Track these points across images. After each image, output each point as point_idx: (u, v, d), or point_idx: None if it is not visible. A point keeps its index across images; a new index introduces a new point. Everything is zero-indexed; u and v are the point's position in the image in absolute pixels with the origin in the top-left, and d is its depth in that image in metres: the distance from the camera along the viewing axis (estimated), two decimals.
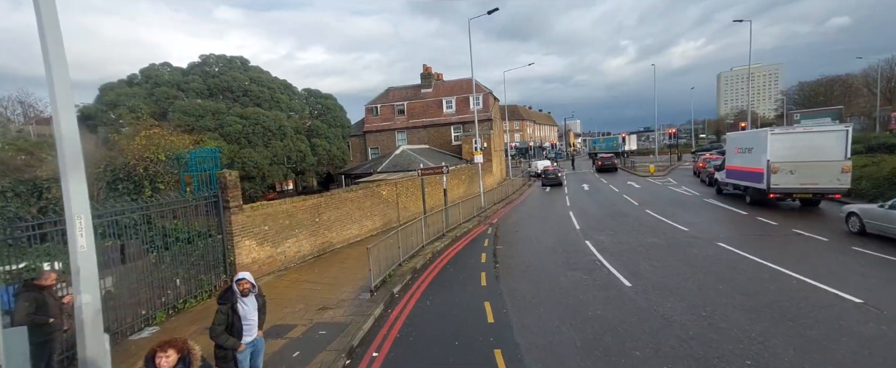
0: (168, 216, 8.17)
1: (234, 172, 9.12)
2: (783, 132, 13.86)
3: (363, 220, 14.46)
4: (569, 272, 9.36)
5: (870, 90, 61.09)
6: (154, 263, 7.91)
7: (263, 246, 9.94)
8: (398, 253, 10.43)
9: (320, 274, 10.07)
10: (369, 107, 36.29)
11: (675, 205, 17.37)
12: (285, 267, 10.60)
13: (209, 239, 8.79)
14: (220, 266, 8.93)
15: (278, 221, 10.45)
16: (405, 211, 17.66)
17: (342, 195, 13.23)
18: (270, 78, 25.62)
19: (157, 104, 20.90)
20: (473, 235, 14.48)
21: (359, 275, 9.50)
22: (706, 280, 8.07)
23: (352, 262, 10.85)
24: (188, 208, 8.39)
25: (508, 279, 9.17)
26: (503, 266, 10.26)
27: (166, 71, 22.82)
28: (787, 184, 13.70)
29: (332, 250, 12.55)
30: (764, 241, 10.59)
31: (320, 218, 12.12)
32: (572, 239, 12.48)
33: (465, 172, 26.03)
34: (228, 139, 20.98)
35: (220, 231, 8.97)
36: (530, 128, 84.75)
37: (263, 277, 9.75)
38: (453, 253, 11.96)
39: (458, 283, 9.13)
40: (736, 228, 12.33)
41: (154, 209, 7.86)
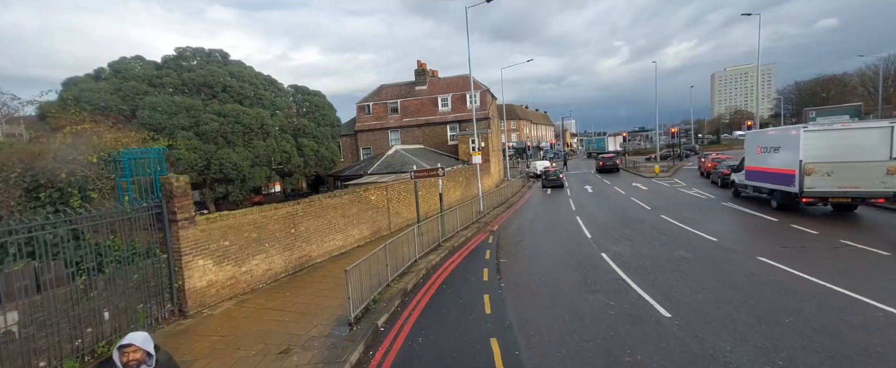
0: (103, 231, 6.53)
1: (183, 177, 7.46)
2: (818, 129, 12.44)
3: (349, 229, 12.83)
4: (589, 295, 7.82)
5: (866, 89, 60.54)
6: (82, 290, 6.28)
7: (223, 265, 8.28)
8: (386, 272, 8.83)
9: (292, 297, 8.43)
10: (361, 105, 34.60)
11: (691, 210, 15.92)
12: (252, 289, 8.95)
13: (152, 260, 7.14)
14: (166, 292, 7.28)
15: (243, 235, 8.80)
16: (397, 217, 16.05)
17: (323, 202, 11.59)
18: (253, 73, 23.85)
19: (126, 100, 19.09)
20: (472, 245, 12.91)
21: (338, 299, 7.89)
22: (764, 309, 6.55)
23: (331, 282, 9.22)
24: (125, 222, 6.75)
25: (517, 305, 7.61)
26: (509, 286, 8.69)
27: (138, 65, 20.99)
28: (824, 188, 12.27)
29: (312, 265, 10.90)
30: (812, 256, 9.12)
31: (296, 228, 10.47)
32: (586, 252, 10.95)
33: (461, 174, 24.46)
34: (204, 138, 19.23)
35: (166, 249, 7.31)
36: (527, 128, 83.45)
37: (222, 304, 8.09)
38: (451, 269, 10.38)
39: (458, 311, 7.55)
40: (772, 238, 10.86)
41: (85, 222, 6.24)
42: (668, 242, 11.25)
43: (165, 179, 7.26)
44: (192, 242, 7.59)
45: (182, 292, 7.41)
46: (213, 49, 23.03)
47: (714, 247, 10.35)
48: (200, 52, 22.57)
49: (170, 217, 7.32)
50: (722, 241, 10.87)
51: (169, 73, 20.75)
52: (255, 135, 20.96)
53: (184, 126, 19.08)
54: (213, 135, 19.43)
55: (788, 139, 13.28)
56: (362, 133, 34.14)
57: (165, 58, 21.84)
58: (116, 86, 19.22)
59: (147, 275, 7.00)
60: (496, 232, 14.86)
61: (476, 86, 30.31)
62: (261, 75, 24.65)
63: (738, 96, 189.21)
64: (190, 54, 22.22)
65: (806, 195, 12.51)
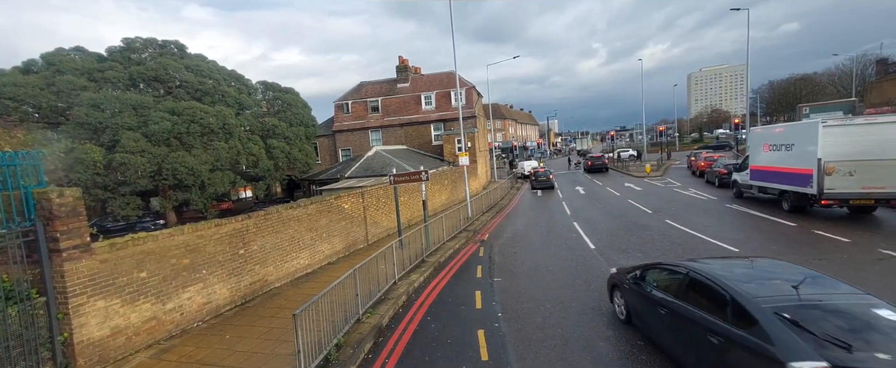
0: None
1: (71, 191, 5.50)
2: (839, 123, 11.34)
3: (317, 244, 10.95)
4: (609, 330, 6.25)
5: (835, 88, 62.25)
6: None
7: (138, 304, 6.32)
8: (355, 302, 7.05)
9: (232, 342, 6.54)
10: (339, 103, 32.48)
11: (696, 213, 14.71)
12: (183, 331, 7.01)
13: (26, 304, 5.16)
14: (45, 348, 5.30)
15: (169, 262, 6.85)
16: (376, 226, 14.23)
17: (283, 214, 9.69)
18: (215, 67, 21.53)
19: (60, 96, 16.58)
20: (462, 259, 11.24)
21: (293, 346, 6.06)
22: None
23: (286, 319, 7.36)
24: None
25: (521, 347, 5.97)
26: (509, 317, 7.05)
27: (77, 56, 18.43)
28: (845, 189, 11.17)
29: (268, 292, 9.00)
30: (858, 272, 7.83)
31: (247, 248, 8.56)
32: (593, 268, 9.43)
33: (447, 176, 22.78)
34: (155, 140, 16.92)
35: (46, 289, 5.33)
36: (513, 128, 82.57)
37: (135, 356, 6.14)
38: (437, 292, 8.67)
39: (446, 358, 5.85)
40: (800, 248, 9.60)
41: None
42: (683, 254, 9.84)
43: (42, 194, 5.28)
44: (86, 277, 5.62)
45: (70, 346, 5.44)
46: (168, 40, 20.60)
47: None
48: (152, 43, 20.12)
49: (50, 245, 5.35)
50: (745, 252, 9.53)
51: (113, 67, 18.29)
52: (216, 135, 18.71)
53: (130, 126, 16.72)
54: (166, 136, 17.12)
55: (804, 135, 12.16)
56: (341, 133, 32.03)
57: (111, 49, 19.33)
58: (49, 80, 16.67)
59: (16, 327, 5.02)
60: (487, 241, 13.24)
61: (462, 83, 28.71)
62: (224, 70, 22.36)
63: (714, 96, 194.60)
64: (140, 46, 19.75)
65: (826, 197, 11.39)
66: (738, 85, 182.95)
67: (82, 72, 17.51)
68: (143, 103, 17.36)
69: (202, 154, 18.11)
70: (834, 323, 3.39)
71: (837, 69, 62.07)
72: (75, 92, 16.59)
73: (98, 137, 16.43)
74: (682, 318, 4.60)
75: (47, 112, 16.74)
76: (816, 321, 3.41)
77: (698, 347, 4.26)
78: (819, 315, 3.50)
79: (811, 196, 11.98)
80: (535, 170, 30.76)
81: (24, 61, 17.78)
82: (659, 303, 5.09)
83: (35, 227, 5.28)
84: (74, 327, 5.46)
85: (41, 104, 16.28)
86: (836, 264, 8.24)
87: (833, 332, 3.26)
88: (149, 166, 16.45)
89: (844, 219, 12.01)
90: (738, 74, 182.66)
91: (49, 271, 5.34)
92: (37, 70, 17.53)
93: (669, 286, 5.11)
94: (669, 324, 4.85)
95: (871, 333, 3.29)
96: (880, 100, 32.18)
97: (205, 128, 18.04)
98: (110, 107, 16.63)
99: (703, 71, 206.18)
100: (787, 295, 3.81)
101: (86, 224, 5.68)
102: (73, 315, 5.45)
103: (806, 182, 12.02)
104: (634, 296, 5.85)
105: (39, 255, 5.30)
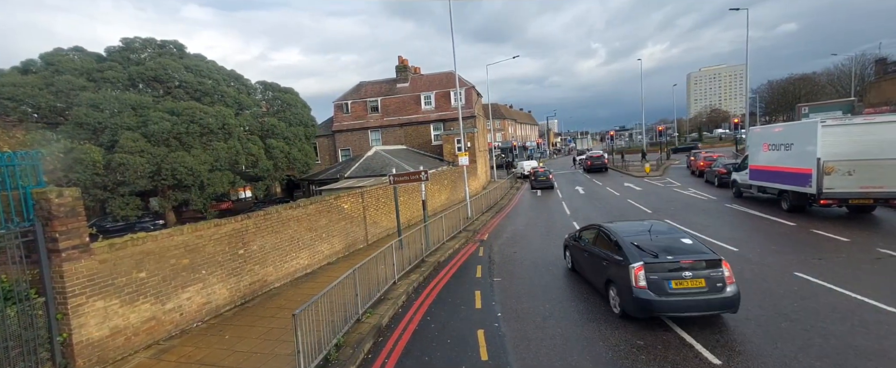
0: None
1: (70, 191, 5.49)
2: (838, 123, 11.35)
3: (317, 244, 10.95)
4: (609, 331, 6.25)
5: (834, 88, 62.36)
6: None
7: (137, 304, 6.32)
8: (355, 302, 7.05)
9: (232, 343, 6.54)
10: (339, 103, 32.46)
11: (696, 213, 14.72)
12: (182, 331, 7.01)
13: (25, 304, 5.15)
14: (44, 349, 5.29)
15: (168, 262, 6.85)
16: (376, 226, 14.23)
17: (282, 214, 9.68)
18: (214, 67, 21.50)
19: (58, 96, 16.55)
20: (461, 259, 11.24)
21: (293, 345, 6.06)
22: (834, 349, 5.12)
23: (285, 319, 7.35)
24: None
25: (520, 345, 5.97)
26: (508, 317, 7.06)
27: (76, 56, 18.39)
28: (845, 188, 11.18)
29: (267, 292, 8.99)
30: (857, 270, 7.83)
31: (247, 248, 8.55)
32: None
33: (447, 176, 22.79)
34: (154, 140, 16.89)
35: (45, 290, 5.32)
36: (512, 128, 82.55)
37: (134, 356, 6.14)
38: (436, 292, 8.67)
39: (445, 357, 5.85)
40: (800, 248, 9.61)
41: None
42: None
43: (40, 194, 5.27)
44: (85, 278, 5.62)
45: (69, 346, 5.44)
46: (167, 40, 20.57)
47: (739, 260, 8.99)
48: (151, 43, 20.09)
49: (49, 245, 5.34)
50: (745, 252, 9.55)
51: (113, 67, 18.25)
52: (216, 136, 18.69)
53: (129, 126, 16.70)
54: (165, 137, 17.10)
55: (803, 135, 12.17)
56: (341, 133, 32.03)
57: (110, 49, 19.28)
58: (47, 80, 16.65)
59: (15, 327, 5.01)
60: (487, 242, 13.24)
61: (461, 82, 28.71)
62: (224, 70, 22.33)
63: (713, 95, 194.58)
64: (139, 46, 19.72)
65: (825, 197, 11.40)
66: (738, 85, 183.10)
67: (81, 72, 17.48)
68: (142, 103, 17.34)
69: (201, 154, 18.09)
70: (658, 246, 6.33)
71: (836, 69, 62.16)
72: (74, 92, 16.57)
73: (97, 137, 16.41)
74: (593, 255, 7.58)
75: (46, 112, 16.72)
76: (649, 246, 6.38)
77: (598, 269, 7.34)
78: (651, 243, 6.45)
79: (810, 195, 12.00)
80: (534, 170, 30.80)
81: (23, 61, 17.75)
82: (584, 250, 8.07)
83: (34, 227, 5.27)
84: (73, 327, 5.46)
85: (40, 104, 16.26)
86: (834, 263, 8.25)
87: (654, 250, 6.22)
88: (148, 166, 16.43)
89: (843, 219, 12.03)
90: (737, 74, 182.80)
91: (48, 271, 5.33)
92: (35, 70, 17.50)
93: (590, 239, 7.97)
94: (588, 261, 7.86)
95: (673, 250, 6.24)
96: (879, 100, 32.22)
97: (204, 129, 18.02)
98: (109, 107, 16.62)
99: (703, 71, 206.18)
100: (641, 236, 6.78)
101: (85, 224, 5.68)
102: (73, 315, 5.45)
103: (805, 181, 12.03)
104: (574, 250, 8.81)
105: (38, 255, 5.29)
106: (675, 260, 5.95)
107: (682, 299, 5.77)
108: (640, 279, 5.94)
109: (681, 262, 5.91)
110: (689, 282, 5.80)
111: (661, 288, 5.83)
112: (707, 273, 5.82)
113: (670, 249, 6.21)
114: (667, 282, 5.82)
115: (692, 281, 5.80)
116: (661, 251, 6.16)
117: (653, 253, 6.14)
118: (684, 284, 5.81)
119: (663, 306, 5.77)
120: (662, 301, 5.78)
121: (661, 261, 5.96)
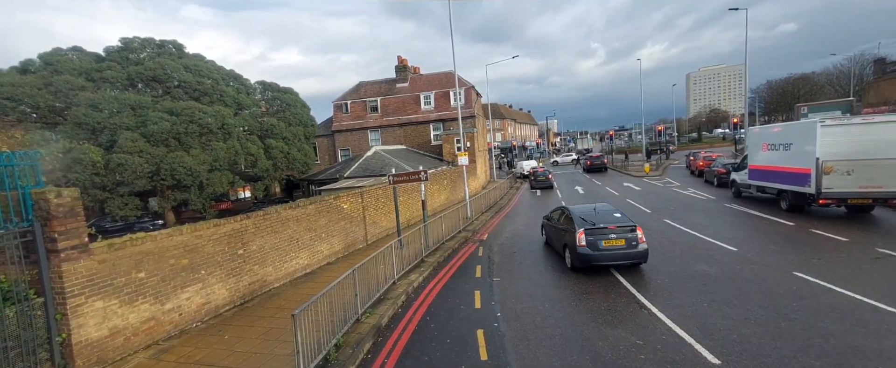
0: None
1: (69, 191, 5.48)
2: (837, 123, 11.37)
3: (316, 244, 10.94)
4: (607, 330, 6.27)
5: (833, 87, 62.48)
6: None
7: (137, 304, 6.31)
8: (355, 302, 7.04)
9: (231, 343, 6.53)
10: (338, 103, 32.45)
11: (695, 213, 14.74)
12: (182, 331, 7.00)
13: (23, 305, 5.14)
14: (43, 349, 5.28)
15: (167, 262, 6.84)
16: (375, 226, 14.22)
17: (282, 214, 9.68)
18: (214, 66, 21.47)
19: (58, 96, 16.52)
20: (461, 259, 11.25)
21: (292, 346, 6.06)
22: (835, 350, 5.13)
23: (285, 319, 7.35)
24: None
25: (519, 345, 5.98)
26: (508, 317, 7.06)
27: (75, 56, 18.36)
28: (843, 188, 11.20)
29: (267, 293, 8.98)
30: (856, 270, 7.85)
31: (246, 248, 8.55)
32: (591, 267, 9.42)
33: (446, 176, 22.78)
34: (153, 140, 16.86)
35: (43, 290, 5.32)
36: (512, 128, 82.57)
37: (134, 356, 6.13)
38: (436, 292, 8.67)
39: (445, 357, 5.85)
40: (799, 248, 9.63)
41: None
42: (682, 253, 9.89)
43: (39, 194, 5.26)
44: (84, 278, 5.61)
45: (68, 347, 5.43)
46: (166, 40, 20.54)
47: (738, 259, 9.02)
48: (150, 42, 20.06)
49: (48, 245, 5.33)
50: (743, 251, 9.57)
51: (112, 66, 18.22)
52: (215, 136, 18.66)
53: (128, 126, 16.68)
54: (164, 137, 17.07)
55: (802, 135, 12.19)
56: (340, 133, 32.02)
57: (108, 49, 19.24)
58: (46, 80, 16.62)
59: (13, 327, 5.00)
60: (487, 241, 13.24)
61: (461, 82, 28.70)
62: (223, 70, 22.29)
63: (712, 95, 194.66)
64: (138, 45, 19.68)
65: (824, 196, 11.42)
66: (737, 84, 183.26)
67: (80, 72, 17.45)
68: (141, 103, 17.32)
69: (201, 154, 18.07)
70: (596, 219, 8.97)
71: (835, 69, 62.24)
72: (73, 92, 16.54)
73: (96, 137, 16.38)
74: (558, 229, 10.26)
75: (45, 112, 16.69)
76: (591, 219, 9.00)
77: (560, 237, 9.94)
78: (593, 216, 9.19)
79: (809, 195, 12.02)
80: (534, 170, 30.82)
81: (22, 61, 17.72)
82: (553, 226, 10.82)
83: (33, 228, 5.26)
84: (72, 328, 5.45)
85: (39, 104, 16.23)
86: (833, 263, 8.26)
87: (594, 221, 8.87)
88: (147, 166, 16.41)
89: (842, 219, 12.05)
90: (736, 74, 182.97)
91: (47, 272, 5.32)
92: (34, 70, 17.47)
93: (557, 217, 10.64)
94: (555, 233, 10.60)
95: (605, 221, 8.86)
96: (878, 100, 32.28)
97: (203, 128, 17.99)
98: (108, 107, 16.59)
99: (702, 71, 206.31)
100: (587, 212, 9.55)
101: (84, 224, 5.67)
102: (72, 315, 5.44)
103: (804, 181, 12.05)
104: (547, 227, 11.68)
105: (37, 256, 5.29)
106: (604, 226, 8.64)
107: (609, 253, 8.43)
108: (581, 240, 8.58)
109: (608, 228, 8.59)
110: (614, 241, 8.50)
111: (596, 246, 8.52)
112: (626, 235, 8.50)
113: (604, 220, 8.88)
114: (599, 242, 8.52)
115: (616, 240, 8.49)
116: (598, 222, 8.81)
117: (592, 223, 8.79)
118: (610, 243, 8.50)
119: (598, 257, 8.44)
120: (596, 254, 8.46)
121: (596, 228, 8.64)
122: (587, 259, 8.47)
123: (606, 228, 8.57)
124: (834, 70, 62.59)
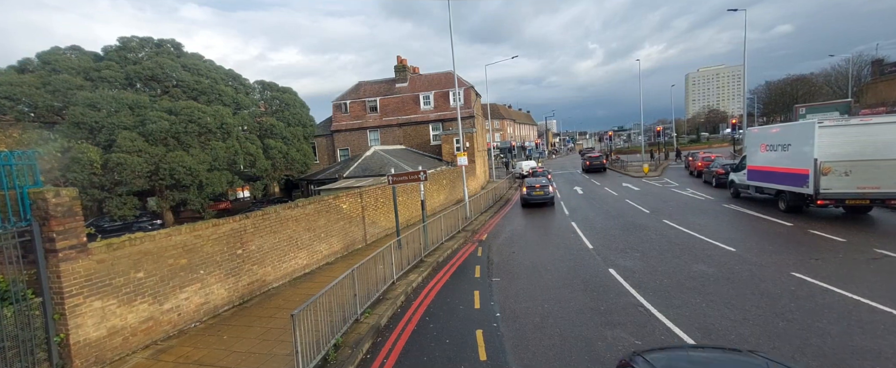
0: None
1: (68, 191, 5.47)
2: (835, 124, 11.41)
3: (315, 244, 10.94)
4: (606, 330, 6.28)
5: (831, 88, 62.68)
6: None
7: (135, 304, 6.30)
8: (354, 302, 7.05)
9: (230, 342, 6.53)
10: (337, 103, 32.42)
11: (694, 213, 14.77)
12: (180, 331, 6.99)
13: (21, 304, 5.13)
14: (41, 349, 5.27)
15: (166, 262, 6.83)
16: (374, 226, 14.22)
17: (281, 214, 9.67)
18: (212, 66, 21.44)
19: (55, 96, 16.47)
20: (460, 259, 11.25)
21: (290, 346, 6.06)
22: (833, 350, 5.15)
23: (284, 319, 7.35)
24: None
25: (518, 346, 5.98)
26: (506, 317, 7.07)
27: (73, 56, 18.31)
28: (841, 189, 11.24)
29: (266, 292, 8.98)
30: (854, 271, 7.88)
31: (245, 248, 8.54)
32: (590, 267, 9.46)
33: (446, 176, 22.78)
34: (152, 139, 16.83)
35: (42, 290, 5.30)
36: (511, 128, 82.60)
37: (132, 356, 6.12)
38: (435, 292, 8.68)
39: (444, 357, 5.85)
40: (796, 248, 9.66)
41: None
42: (681, 253, 9.91)
43: (37, 193, 5.25)
44: (82, 278, 5.60)
45: (66, 347, 5.42)
46: (165, 39, 20.51)
47: (735, 260, 9.04)
48: (149, 42, 20.02)
49: (46, 245, 5.32)
50: (741, 252, 9.60)
51: (110, 66, 18.17)
52: (214, 135, 18.63)
53: (127, 125, 16.62)
54: (163, 136, 17.04)
55: (800, 135, 12.23)
56: (339, 133, 31.99)
57: (107, 48, 19.19)
58: (44, 79, 16.56)
59: (11, 327, 4.99)
60: (486, 241, 13.25)
61: (460, 82, 28.73)
62: (222, 69, 22.26)
63: (711, 96, 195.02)
64: (136, 45, 19.64)
65: (822, 197, 11.46)
66: (735, 85, 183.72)
67: (78, 71, 17.40)
68: (139, 102, 17.27)
69: (199, 154, 18.03)
70: (533, 178, 22.18)
71: (833, 70, 62.45)
72: (71, 91, 16.49)
73: (94, 137, 16.33)
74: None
75: (43, 111, 16.64)
76: (530, 178, 22.37)
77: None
78: (533, 178, 22.04)
79: (807, 196, 12.06)
80: (532, 171, 30.81)
81: (20, 60, 17.67)
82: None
83: (31, 227, 5.25)
84: (71, 328, 5.44)
85: (37, 103, 16.17)
86: (831, 263, 8.29)
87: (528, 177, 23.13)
88: (146, 166, 16.36)
89: (840, 219, 12.09)
90: (735, 75, 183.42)
91: (45, 271, 5.31)
92: (32, 69, 17.42)
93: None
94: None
95: (536, 177, 23.62)
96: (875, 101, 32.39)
97: (202, 128, 17.96)
98: (107, 106, 16.53)
99: (701, 71, 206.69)
100: (534, 176, 23.94)
101: (82, 224, 5.66)
102: (70, 315, 5.43)
103: (802, 182, 12.09)
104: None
105: (35, 255, 5.27)
106: (534, 183, 17.88)
107: (536, 198, 17.93)
108: (523, 192, 17.82)
109: (536, 186, 17.82)
110: (537, 192, 17.97)
111: (531, 194, 17.82)
112: (546, 189, 17.81)
113: (536, 177, 19.03)
114: (531, 191, 17.95)
115: (538, 192, 18.00)
116: (533, 178, 17.58)
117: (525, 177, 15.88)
118: (536, 193, 18.05)
119: (529, 201, 18.24)
120: (528, 198, 18.02)
121: (530, 185, 18.10)
122: (526, 202, 17.16)
123: (534, 186, 18.26)
124: (832, 71, 62.80)
